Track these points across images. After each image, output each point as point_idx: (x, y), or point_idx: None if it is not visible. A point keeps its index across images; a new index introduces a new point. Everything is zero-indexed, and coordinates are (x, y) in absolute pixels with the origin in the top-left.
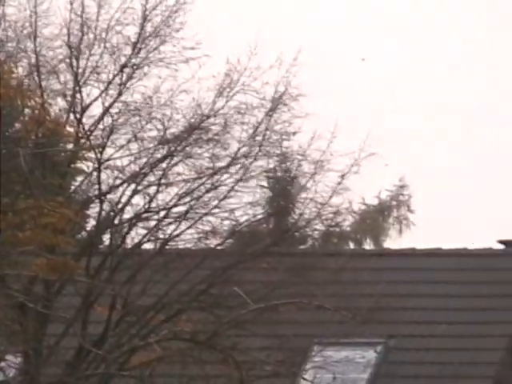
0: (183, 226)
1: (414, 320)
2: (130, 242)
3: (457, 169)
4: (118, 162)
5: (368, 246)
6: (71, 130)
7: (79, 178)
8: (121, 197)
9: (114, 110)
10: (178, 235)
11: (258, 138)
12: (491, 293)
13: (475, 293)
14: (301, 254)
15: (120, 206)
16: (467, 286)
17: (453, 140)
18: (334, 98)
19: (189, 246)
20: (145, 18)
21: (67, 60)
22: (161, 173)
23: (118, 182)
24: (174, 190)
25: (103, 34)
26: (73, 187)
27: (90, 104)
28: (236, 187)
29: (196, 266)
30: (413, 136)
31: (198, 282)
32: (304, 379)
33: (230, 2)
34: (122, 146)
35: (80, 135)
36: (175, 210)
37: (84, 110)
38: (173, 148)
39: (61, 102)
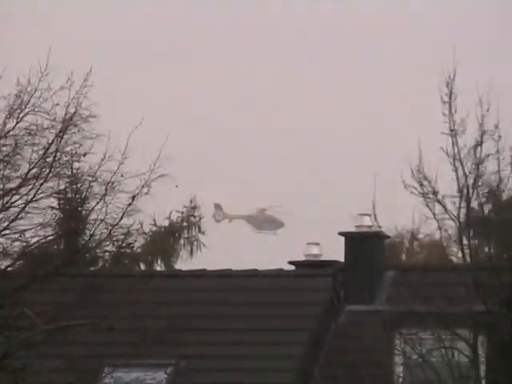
0: None
1: (206, 341)
2: None
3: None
4: None
5: (159, 267)
6: None
7: None
8: None
9: None
10: None
11: (49, 160)
12: (282, 313)
13: (266, 313)
14: (91, 275)
15: None
16: (259, 307)
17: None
18: (125, 119)
19: None
20: None
21: None
22: None
23: None
24: None
25: None
26: None
27: None
28: (27, 208)
29: None
30: (198, 158)
31: None
32: None
33: (19, 24)
34: None
35: None
36: None
37: None
38: None
39: None
